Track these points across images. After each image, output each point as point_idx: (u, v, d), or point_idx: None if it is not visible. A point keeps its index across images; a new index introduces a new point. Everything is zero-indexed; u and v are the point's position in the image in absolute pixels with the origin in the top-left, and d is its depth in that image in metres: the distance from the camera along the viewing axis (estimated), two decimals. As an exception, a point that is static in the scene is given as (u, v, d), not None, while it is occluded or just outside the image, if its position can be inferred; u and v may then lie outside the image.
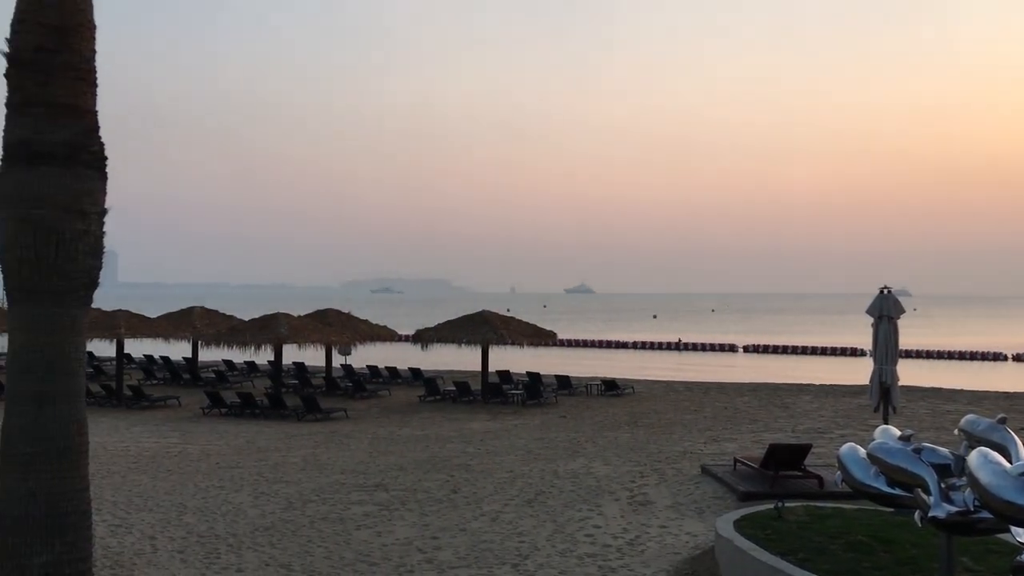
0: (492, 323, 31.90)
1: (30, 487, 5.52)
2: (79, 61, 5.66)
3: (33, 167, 5.52)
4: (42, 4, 5.54)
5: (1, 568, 5.56)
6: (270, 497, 15.72)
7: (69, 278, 5.61)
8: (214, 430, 24.44)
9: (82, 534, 5.70)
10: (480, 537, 12.98)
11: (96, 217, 5.76)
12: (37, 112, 5.55)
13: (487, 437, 22.97)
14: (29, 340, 5.57)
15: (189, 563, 11.74)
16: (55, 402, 5.58)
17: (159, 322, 34.93)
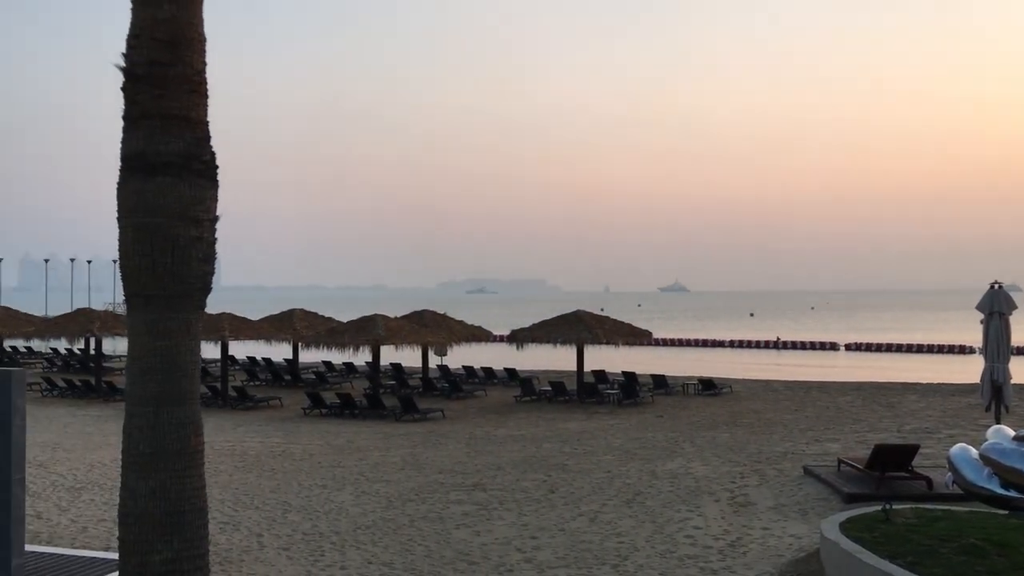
0: (587, 323, 31.82)
1: (150, 486, 5.73)
2: (191, 73, 5.85)
3: (149, 177, 5.73)
4: (155, 20, 5.74)
5: (125, 563, 5.77)
6: (371, 496, 15.97)
7: (184, 283, 5.80)
8: (315, 430, 24.95)
9: (199, 531, 5.89)
10: (579, 537, 12.97)
11: (208, 224, 5.95)
12: (152, 124, 5.75)
13: (583, 437, 22.93)
14: (147, 344, 5.78)
15: (295, 560, 12.00)
16: (172, 403, 5.78)
17: (261, 324, 35.82)
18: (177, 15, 5.81)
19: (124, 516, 5.80)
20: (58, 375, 40.22)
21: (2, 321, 40.41)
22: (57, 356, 48.40)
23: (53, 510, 15.14)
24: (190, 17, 5.87)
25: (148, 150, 5.76)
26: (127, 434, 5.85)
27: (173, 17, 5.80)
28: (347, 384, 36.83)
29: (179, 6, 5.81)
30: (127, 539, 5.78)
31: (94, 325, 35.47)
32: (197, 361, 6.02)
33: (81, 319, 36.66)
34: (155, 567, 5.69)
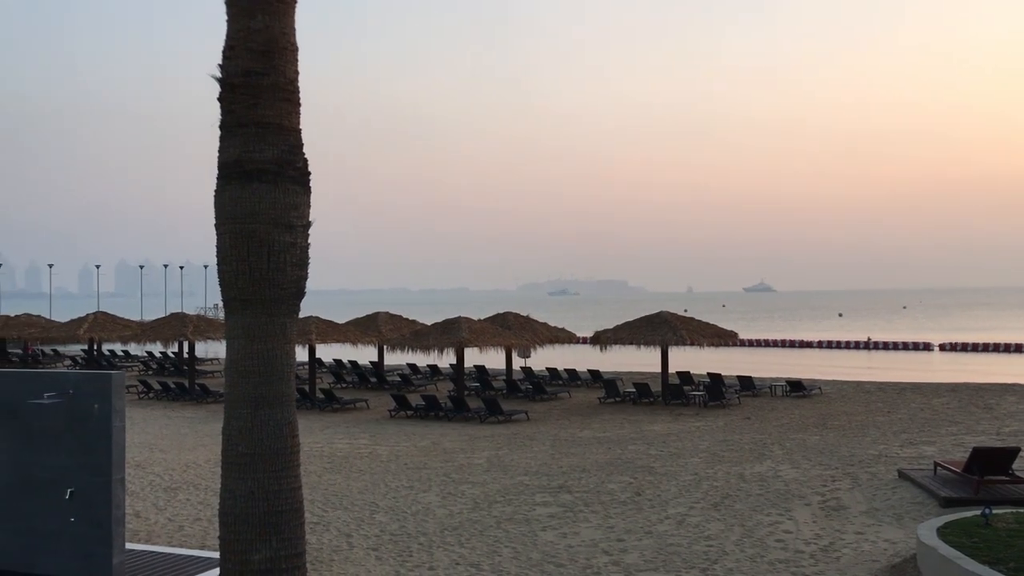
0: (672, 323, 31.54)
1: (249, 486, 5.85)
2: (284, 82, 5.96)
3: (245, 184, 5.85)
4: (250, 31, 5.86)
5: (226, 562, 5.90)
6: (457, 498, 16.06)
7: (279, 288, 5.92)
8: (401, 431, 25.21)
9: (296, 531, 6.00)
10: (666, 540, 12.84)
11: (302, 230, 6.06)
12: (247, 132, 5.88)
13: (669, 439, 22.72)
14: (245, 347, 5.91)
15: (383, 560, 12.14)
16: (269, 405, 5.90)
17: (347, 328, 36.34)
18: (270, 25, 5.92)
19: (224, 516, 5.94)
20: (153, 378, 41.41)
21: (101, 326, 41.76)
22: (152, 359, 49.81)
23: (151, 509, 15.58)
24: (283, 27, 5.98)
25: (244, 158, 5.89)
26: (226, 435, 5.99)
27: (266, 27, 5.92)
28: (432, 386, 37.14)
29: (272, 16, 5.92)
30: (227, 538, 5.91)
31: (187, 329, 36.42)
32: (292, 364, 6.13)
33: (175, 323, 37.68)
34: (254, 566, 5.80)
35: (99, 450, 9.84)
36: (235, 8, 5.95)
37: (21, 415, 10.19)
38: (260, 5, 5.87)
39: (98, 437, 9.84)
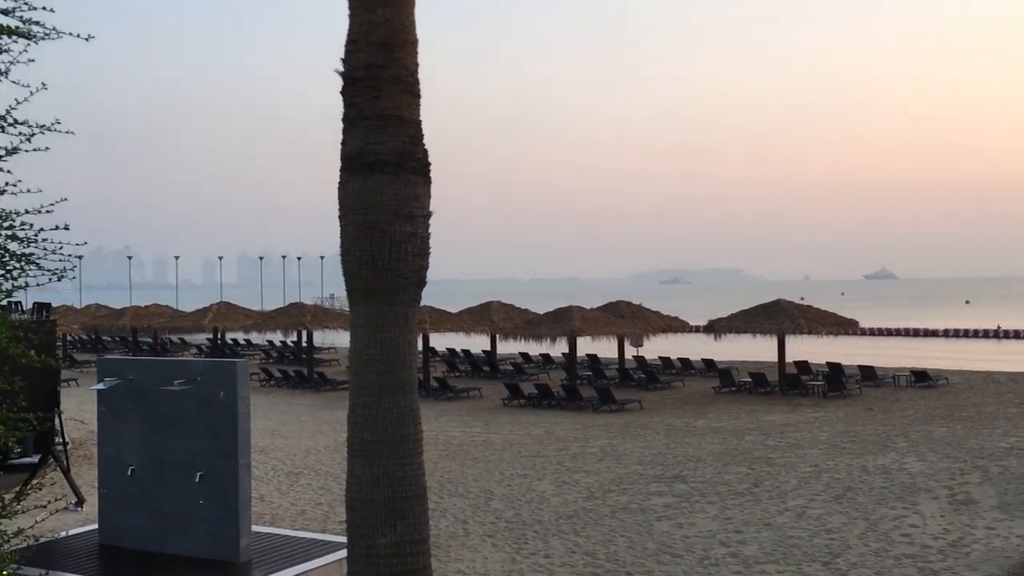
0: (789, 312, 30.85)
1: (374, 473, 5.96)
2: (405, 75, 6.04)
3: (367, 176, 5.95)
4: (371, 24, 5.96)
5: (353, 545, 6.03)
6: (571, 486, 16.07)
7: (401, 278, 6.01)
8: (514, 420, 25.36)
9: (420, 517, 6.09)
10: (786, 533, 12.58)
11: (422, 220, 6.14)
12: (369, 125, 5.98)
13: (787, 430, 22.24)
14: (368, 336, 6.02)
15: (499, 547, 12.24)
16: (392, 393, 6.00)
17: (460, 317, 36.70)
18: (391, 18, 6.01)
19: (351, 501, 6.08)
20: (274, 366, 42.64)
21: (224, 315, 43.17)
22: (272, 348, 51.27)
23: (274, 493, 16.06)
24: (403, 20, 6.07)
25: (366, 150, 6.00)
26: (351, 423, 6.11)
27: (387, 20, 6.00)
28: (544, 375, 37.22)
29: (393, 9, 6.01)
30: (354, 523, 6.04)
31: (305, 318, 37.36)
32: (414, 353, 6.22)
33: (294, 313, 38.69)
34: (380, 550, 5.91)
35: (226, 435, 10.18)
36: (357, 2, 6.05)
37: (153, 401, 10.61)
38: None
39: (225, 423, 10.18)
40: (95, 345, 55.99)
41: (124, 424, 10.84)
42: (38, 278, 5.80)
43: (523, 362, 40.65)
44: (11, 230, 5.58)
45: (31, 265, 5.71)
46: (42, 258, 5.77)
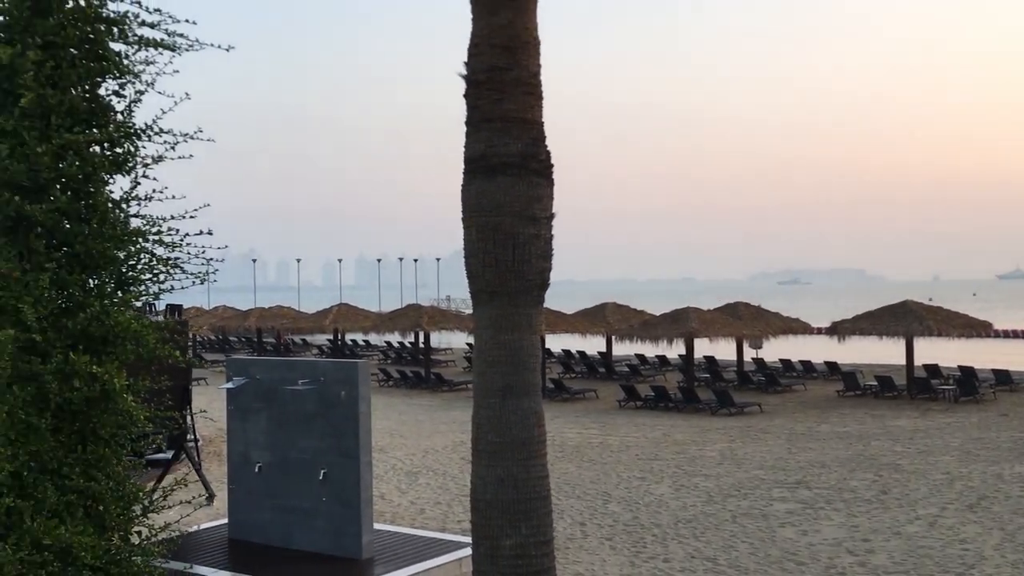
0: (917, 313, 29.71)
1: (498, 474, 5.96)
2: (527, 76, 6.04)
3: (491, 178, 5.97)
4: (494, 27, 5.97)
5: (477, 546, 6.05)
6: (690, 490, 15.80)
7: (524, 280, 6.00)
8: (631, 422, 25.12)
9: (544, 519, 6.08)
10: (917, 542, 12.08)
11: (546, 222, 6.12)
12: (492, 127, 6.00)
13: (916, 435, 21.40)
14: (492, 338, 6.03)
15: (618, 550, 12.10)
16: (516, 395, 6.00)
17: (575, 318, 36.59)
18: (514, 20, 6.01)
19: (475, 502, 6.09)
20: (392, 366, 43.36)
21: (344, 316, 44.12)
22: (391, 348, 52.14)
23: (394, 492, 16.27)
24: (526, 21, 6.06)
25: (489, 152, 6.01)
26: (475, 424, 6.13)
27: (510, 23, 6.00)
28: (660, 377, 36.80)
29: (516, 11, 6.00)
30: (479, 523, 6.06)
31: (423, 320, 37.85)
32: (538, 355, 6.20)
33: (411, 314, 39.25)
34: (505, 551, 5.91)
35: (348, 434, 10.36)
36: (479, 6, 6.07)
37: (278, 400, 10.88)
38: (504, 2, 5.96)
39: (346, 422, 10.37)
40: (222, 345, 57.99)
41: (251, 422, 11.14)
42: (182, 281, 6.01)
43: (639, 364, 40.27)
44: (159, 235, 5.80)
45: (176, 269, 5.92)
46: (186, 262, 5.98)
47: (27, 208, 5.46)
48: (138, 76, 5.93)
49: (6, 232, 5.50)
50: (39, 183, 5.53)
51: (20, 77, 5.42)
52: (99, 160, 5.75)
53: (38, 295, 5.37)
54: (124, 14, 5.85)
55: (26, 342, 5.35)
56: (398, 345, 51.27)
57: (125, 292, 5.89)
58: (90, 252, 5.69)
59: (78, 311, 5.57)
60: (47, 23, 5.56)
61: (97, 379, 5.48)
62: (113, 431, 5.77)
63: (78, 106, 5.65)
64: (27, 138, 5.43)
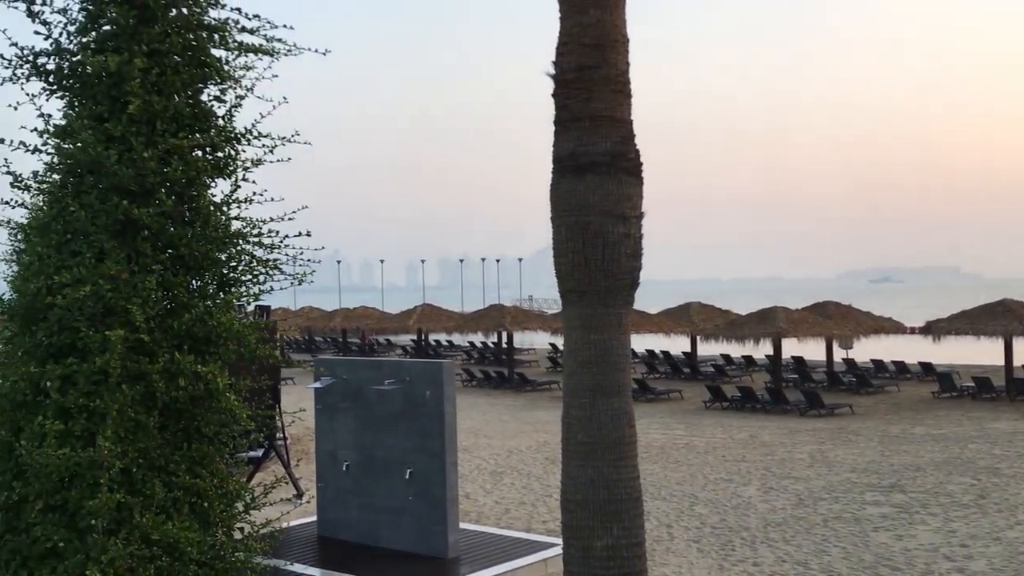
0: (1017, 312, 28.71)
1: (589, 474, 5.94)
2: (616, 75, 6.01)
3: (579, 177, 5.96)
4: (582, 26, 5.96)
5: (569, 548, 6.04)
6: (779, 493, 15.54)
7: (614, 279, 5.97)
8: (717, 423, 24.82)
9: (636, 520, 6.03)
10: (1018, 548, 11.68)
11: (635, 221, 6.09)
12: (580, 126, 5.99)
13: (1016, 438, 20.69)
14: (582, 337, 6.01)
15: (705, 553, 11.96)
16: (606, 395, 5.97)
17: (659, 318, 36.29)
18: (602, 18, 5.99)
19: (566, 503, 6.08)
20: (475, 366, 43.59)
21: (428, 317, 44.50)
22: (474, 348, 52.43)
23: (479, 492, 16.35)
24: (615, 20, 6.04)
25: (578, 151, 6.00)
26: (566, 424, 6.12)
27: (599, 21, 5.99)
28: (747, 377, 36.29)
29: (604, 10, 5.99)
30: (570, 524, 6.05)
31: (505, 320, 37.95)
32: (628, 355, 6.16)
33: (494, 314, 39.39)
34: (597, 552, 5.89)
35: (433, 434, 10.43)
36: (568, 5, 6.07)
37: (365, 400, 11.01)
38: (592, 0, 5.94)
39: (432, 422, 10.44)
40: (308, 345, 59.01)
41: (339, 421, 11.30)
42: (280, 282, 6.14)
43: (724, 364, 39.78)
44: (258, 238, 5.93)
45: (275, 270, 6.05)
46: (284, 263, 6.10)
47: (135, 211, 5.62)
48: (238, 81, 6.08)
49: (115, 235, 5.68)
50: (145, 187, 5.70)
51: (127, 84, 5.59)
52: (201, 164, 5.91)
53: (145, 296, 5.54)
54: (224, 21, 6.00)
55: (134, 342, 5.52)
56: (481, 345, 51.51)
57: (226, 293, 6.04)
58: (193, 254, 5.85)
59: (183, 312, 5.73)
60: (152, 31, 5.73)
61: (201, 378, 5.63)
62: (216, 429, 5.92)
63: (182, 112, 5.81)
64: (134, 143, 5.60)
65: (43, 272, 5.62)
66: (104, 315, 5.55)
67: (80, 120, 5.65)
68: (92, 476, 5.20)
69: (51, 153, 5.81)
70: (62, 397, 5.35)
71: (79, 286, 5.40)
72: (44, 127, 5.81)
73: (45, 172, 5.92)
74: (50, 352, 5.59)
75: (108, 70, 5.60)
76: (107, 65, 5.55)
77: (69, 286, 5.43)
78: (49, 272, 5.59)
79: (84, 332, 5.47)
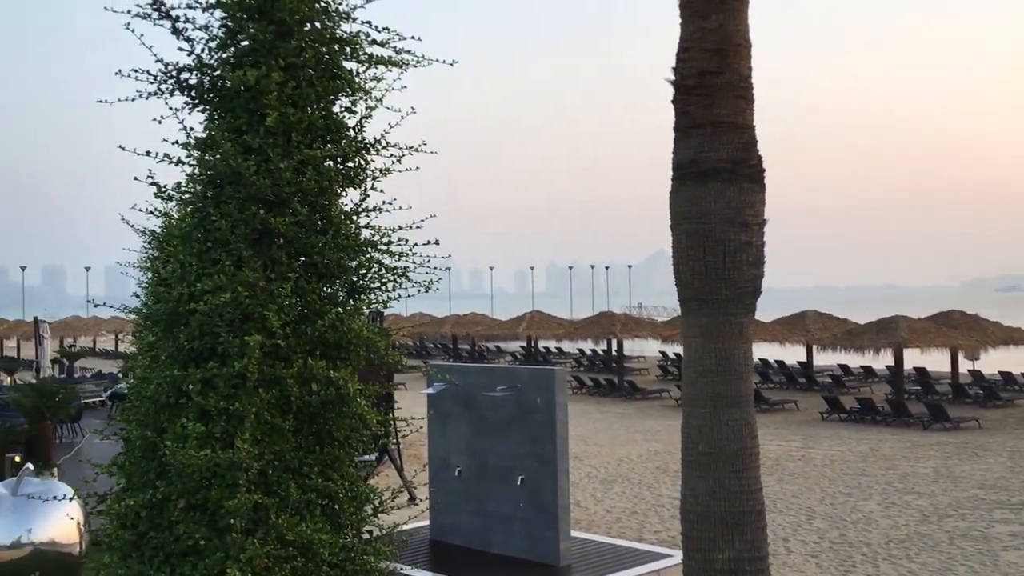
0: None
1: (710, 486, 5.88)
2: (738, 80, 5.95)
3: (701, 184, 5.91)
4: (704, 31, 5.92)
5: (689, 559, 5.97)
6: (901, 508, 15.06)
7: (736, 288, 5.90)
8: (834, 435, 24.18)
9: (759, 534, 5.93)
10: None
11: (757, 228, 6.00)
12: (702, 133, 5.94)
13: None
14: (703, 346, 5.95)
15: (824, 568, 11.68)
16: (728, 405, 5.90)
17: (773, 326, 35.58)
18: (724, 23, 5.94)
19: (686, 513, 6.02)
20: (584, 373, 43.49)
21: (537, 324, 44.64)
22: (583, 356, 52.29)
23: (589, 500, 16.31)
24: (737, 24, 5.98)
25: (699, 158, 5.95)
26: (685, 434, 6.06)
27: (721, 26, 5.94)
28: (865, 388, 35.26)
29: (726, 14, 5.94)
30: (690, 536, 5.98)
31: (615, 327, 37.77)
32: (750, 364, 6.07)
33: (604, 322, 39.24)
34: (718, 565, 5.81)
35: (545, 441, 10.44)
36: (689, 10, 6.04)
37: (477, 406, 11.10)
38: (714, 5, 5.90)
39: (544, 429, 10.45)
40: (419, 351, 59.82)
41: (451, 427, 11.42)
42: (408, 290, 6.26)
43: (842, 374, 38.72)
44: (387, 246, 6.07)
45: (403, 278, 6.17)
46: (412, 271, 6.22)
47: (271, 221, 5.82)
48: (368, 93, 6.24)
49: (252, 243, 5.88)
50: (281, 197, 5.90)
51: (265, 97, 5.80)
52: (333, 174, 6.08)
53: (281, 303, 5.72)
54: (356, 34, 6.17)
55: (270, 347, 5.71)
56: (590, 352, 51.35)
57: (356, 300, 6.19)
58: (325, 262, 6.02)
59: (316, 318, 5.90)
60: (288, 45, 5.93)
61: (332, 383, 5.77)
62: (347, 433, 6.07)
63: (315, 123, 5.99)
64: (271, 155, 5.80)
65: (185, 279, 5.86)
66: (242, 321, 5.76)
67: (220, 132, 5.87)
68: (231, 477, 5.38)
69: (192, 165, 6.06)
70: (203, 400, 5.56)
71: (219, 293, 5.61)
72: (186, 140, 6.06)
73: (187, 183, 6.17)
74: (191, 356, 5.83)
75: (247, 84, 5.82)
76: (246, 79, 5.77)
77: (210, 293, 5.65)
78: (191, 279, 5.82)
79: (224, 337, 5.68)
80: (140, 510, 5.67)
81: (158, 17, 6.03)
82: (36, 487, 9.15)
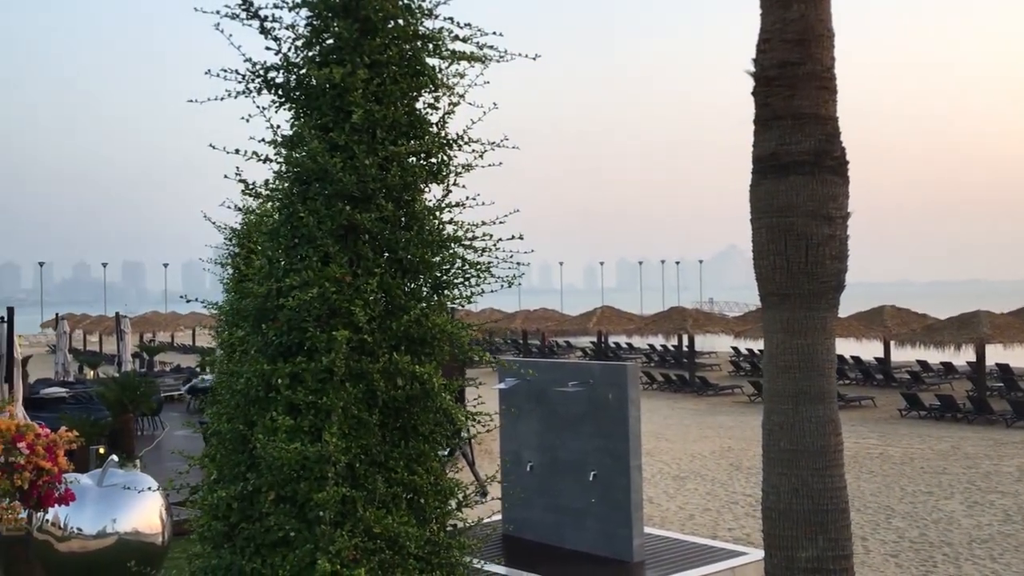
0: None
1: (792, 483, 5.82)
2: (820, 70, 5.87)
3: (781, 177, 5.85)
4: (785, 21, 5.85)
5: (771, 557, 5.93)
6: (985, 508, 14.72)
7: (818, 282, 5.83)
8: (913, 432, 23.71)
9: (843, 532, 5.86)
10: None
11: (841, 221, 5.92)
12: (783, 125, 5.87)
13: None
14: (784, 341, 5.89)
15: (904, 569, 11.49)
16: (810, 401, 5.84)
17: (849, 321, 34.98)
18: (806, 13, 5.86)
19: (767, 511, 5.97)
20: (655, 369, 43.23)
21: (607, 319, 44.51)
22: (653, 351, 52.00)
23: (662, 496, 16.24)
24: (819, 14, 5.90)
25: (780, 150, 5.88)
26: (767, 431, 6.00)
27: (802, 16, 5.86)
28: (945, 385, 34.47)
29: (808, 4, 5.86)
30: (772, 534, 5.93)
31: (687, 323, 37.49)
32: (833, 360, 5.99)
33: (675, 317, 38.99)
34: (801, 563, 5.75)
35: (617, 437, 10.43)
36: (770, 1, 5.95)
37: (548, 401, 11.12)
38: None
39: (616, 424, 10.44)
40: (489, 347, 60.07)
41: (523, 422, 11.46)
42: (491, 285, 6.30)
43: (921, 371, 37.90)
44: (471, 241, 6.12)
45: (485, 273, 6.22)
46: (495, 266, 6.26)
47: (357, 217, 5.89)
48: (451, 89, 6.28)
49: (339, 239, 5.97)
50: (366, 193, 5.97)
51: (350, 95, 5.87)
52: (417, 170, 6.13)
53: (367, 298, 5.80)
54: (439, 30, 6.21)
55: (357, 342, 5.79)
56: (661, 348, 51.05)
57: (440, 295, 6.25)
58: (410, 257, 6.08)
59: (400, 313, 5.96)
60: (373, 43, 6.00)
61: (417, 378, 5.83)
62: (431, 428, 6.13)
63: (399, 120, 6.04)
64: (357, 151, 5.87)
65: (272, 275, 5.97)
66: (329, 316, 5.84)
67: (306, 130, 5.96)
68: (320, 470, 5.48)
69: (279, 162, 6.16)
70: (291, 394, 5.67)
71: (307, 288, 5.70)
72: (273, 137, 6.17)
73: (274, 180, 6.29)
74: (279, 351, 5.94)
75: (332, 82, 5.90)
76: (332, 77, 5.85)
77: (297, 288, 5.75)
78: (279, 275, 5.93)
79: (311, 332, 5.78)
80: (232, 501, 5.79)
81: (246, 17, 6.13)
82: (120, 478, 9.41)
